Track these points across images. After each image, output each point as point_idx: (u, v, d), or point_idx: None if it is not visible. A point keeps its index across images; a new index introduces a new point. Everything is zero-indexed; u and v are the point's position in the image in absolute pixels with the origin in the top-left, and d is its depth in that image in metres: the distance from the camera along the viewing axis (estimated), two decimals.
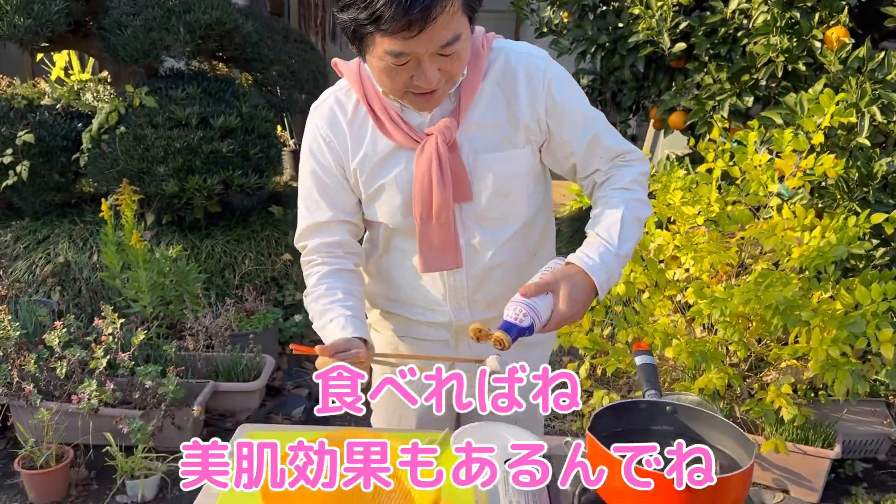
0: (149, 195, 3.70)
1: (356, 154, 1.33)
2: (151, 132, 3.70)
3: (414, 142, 1.29)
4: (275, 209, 4.31)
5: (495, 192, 1.31)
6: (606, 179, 1.36)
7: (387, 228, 1.38)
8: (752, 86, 2.97)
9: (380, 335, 1.52)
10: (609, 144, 1.35)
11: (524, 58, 1.31)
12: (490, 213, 1.33)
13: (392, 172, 1.32)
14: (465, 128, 1.30)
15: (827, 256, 2.28)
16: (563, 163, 1.37)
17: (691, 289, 2.45)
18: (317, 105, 1.38)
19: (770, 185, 2.54)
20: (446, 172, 1.27)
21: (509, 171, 1.31)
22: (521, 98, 1.29)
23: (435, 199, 1.28)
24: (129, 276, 3.13)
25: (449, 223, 1.30)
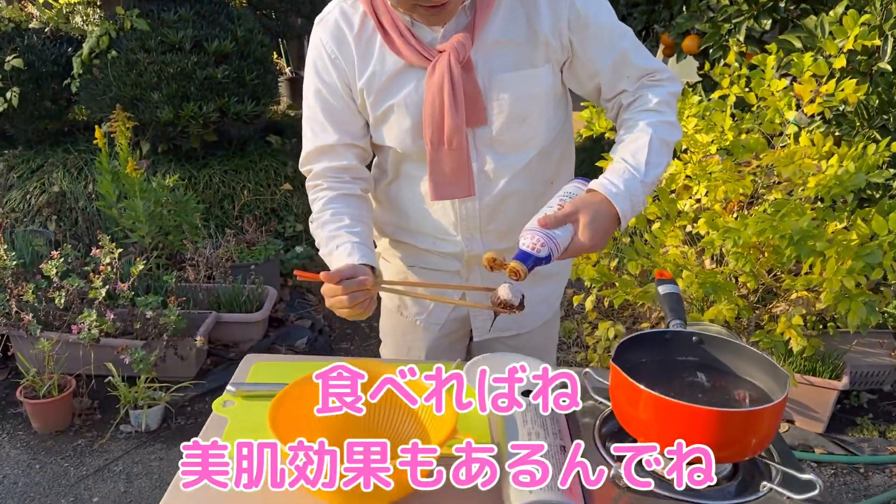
0: (143, 123, 3.60)
1: (363, 72, 1.23)
2: (144, 57, 3.57)
3: (425, 60, 1.19)
4: (273, 139, 4.21)
5: (512, 115, 1.23)
6: (633, 101, 1.26)
7: (396, 153, 1.30)
8: (770, 7, 2.84)
9: (389, 264, 1.47)
10: (638, 63, 1.24)
11: None
12: (506, 138, 1.25)
13: (401, 93, 1.23)
14: (481, 45, 1.20)
15: (845, 185, 2.21)
16: (587, 83, 1.27)
17: (703, 219, 2.39)
18: (321, 18, 1.27)
19: (787, 112, 2.45)
20: (459, 94, 1.18)
21: (528, 93, 1.22)
22: (542, 11, 1.19)
23: (447, 122, 1.20)
24: (126, 206, 3.06)
25: (462, 149, 1.22)
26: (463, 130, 1.21)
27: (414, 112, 1.23)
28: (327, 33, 1.25)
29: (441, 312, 1.43)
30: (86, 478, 2.24)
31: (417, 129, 1.24)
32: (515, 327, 1.44)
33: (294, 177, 3.92)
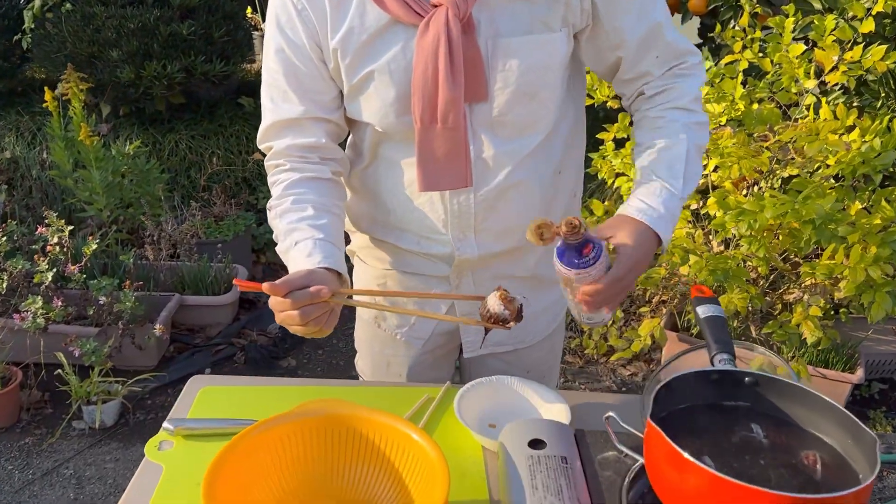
0: (102, 83, 3.31)
1: (337, 28, 0.99)
2: (102, 10, 3.27)
3: (416, 15, 0.95)
4: (245, 101, 3.93)
5: (519, 89, 0.99)
6: (661, 92, 1.05)
7: (375, 132, 1.06)
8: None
9: (365, 266, 1.24)
10: (671, 40, 1.03)
11: None
12: (510, 118, 1.01)
13: (384, 56, 0.98)
14: (487, 3, 0.96)
15: (872, 164, 2.01)
16: (607, 56, 1.04)
17: (713, 198, 2.18)
18: None
19: (805, 80, 2.24)
20: (458, 60, 0.95)
21: (539, 62, 0.98)
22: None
23: (441, 94, 0.96)
24: (81, 175, 2.80)
25: (458, 128, 0.98)
26: (461, 105, 0.97)
27: (400, 80, 0.99)
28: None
29: (425, 326, 1.21)
30: (31, 483, 2.03)
31: (403, 102, 1.00)
32: (512, 342, 1.23)
33: None
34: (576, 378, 2.63)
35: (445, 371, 1.29)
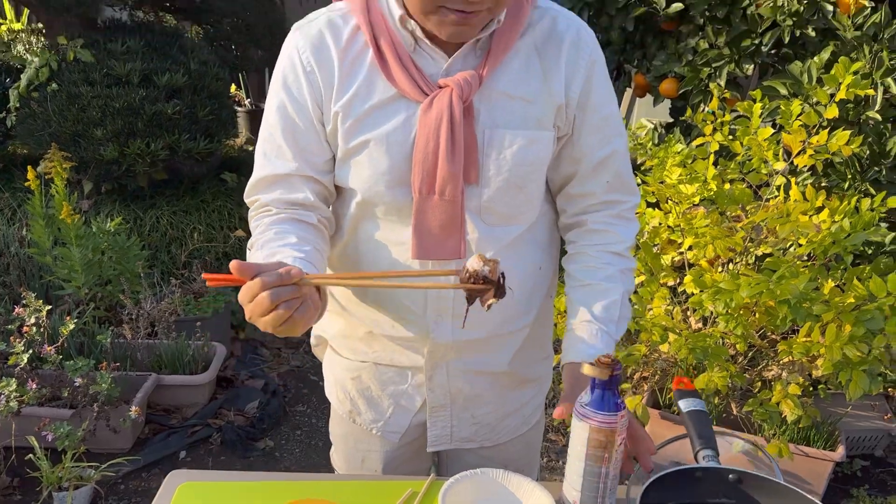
0: (85, 161, 3.33)
1: (343, 93, 1.02)
2: (87, 90, 3.32)
3: (422, 93, 0.99)
4: (227, 176, 3.97)
5: (509, 180, 1.03)
6: (601, 232, 1.12)
7: (357, 206, 1.06)
8: (752, 52, 2.72)
9: (339, 358, 1.22)
10: (623, 171, 1.11)
11: (574, 26, 1.06)
12: (497, 205, 1.05)
13: (384, 126, 1.01)
14: (487, 93, 1.01)
15: (842, 244, 2.06)
16: (565, 167, 1.10)
17: (689, 277, 2.22)
18: (300, 25, 1.06)
19: (774, 162, 2.31)
20: (458, 137, 0.99)
21: (531, 157, 1.04)
22: (561, 72, 1.03)
23: (441, 169, 0.99)
24: (60, 253, 2.79)
25: (456, 201, 1.01)
26: (459, 180, 1.00)
27: (395, 152, 1.02)
28: (306, 41, 1.03)
29: (401, 419, 1.20)
30: None
31: (396, 174, 1.02)
32: (480, 439, 1.22)
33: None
34: (559, 457, 2.60)
35: (422, 466, 1.28)
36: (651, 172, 2.41)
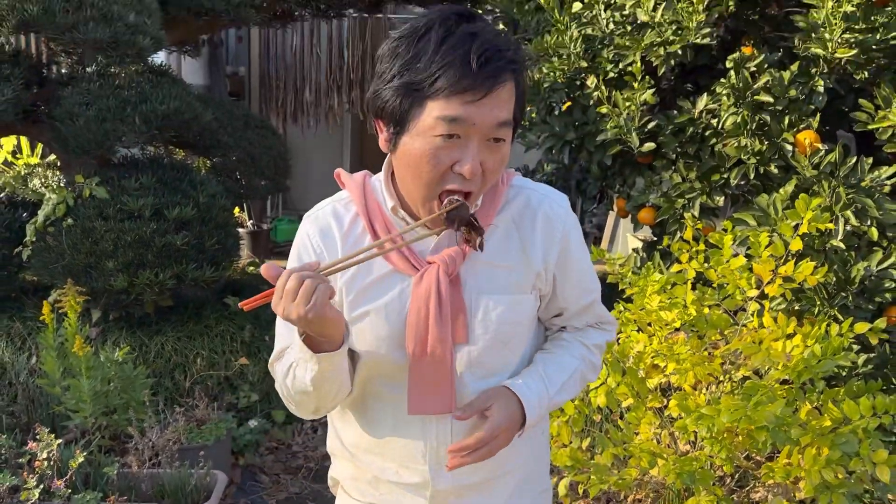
0: (96, 291, 3.49)
1: (346, 271, 1.19)
2: (101, 224, 3.51)
3: (413, 269, 1.17)
4: (231, 300, 4.12)
5: (496, 338, 1.20)
6: (578, 329, 1.33)
7: (365, 366, 1.21)
8: (722, 185, 2.94)
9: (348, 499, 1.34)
10: (598, 312, 1.32)
11: (546, 201, 1.25)
12: (485, 360, 1.21)
13: (382, 298, 1.19)
14: (472, 263, 1.20)
15: (813, 370, 2.19)
16: (550, 311, 1.31)
17: (674, 401, 2.33)
18: (310, 214, 1.26)
19: (748, 290, 2.47)
20: (445, 307, 1.15)
21: (514, 317, 1.21)
22: (537, 242, 1.22)
23: (431, 333, 1.16)
24: (70, 384, 2.89)
25: (445, 361, 1.17)
26: (448, 342, 1.16)
27: (394, 320, 1.19)
28: (315, 228, 1.23)
29: None
30: None
31: (395, 339, 1.19)
32: None
33: (251, 342, 3.80)
34: None
35: None
36: (633, 300, 2.57)
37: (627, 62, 2.97)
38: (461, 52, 1.05)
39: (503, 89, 1.07)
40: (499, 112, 1.08)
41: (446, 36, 1.06)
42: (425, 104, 1.07)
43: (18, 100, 3.28)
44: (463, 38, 1.06)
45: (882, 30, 2.59)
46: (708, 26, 2.75)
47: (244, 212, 6.81)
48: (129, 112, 3.39)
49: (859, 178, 2.51)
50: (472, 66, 1.04)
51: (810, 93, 2.70)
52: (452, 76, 1.04)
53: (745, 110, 2.69)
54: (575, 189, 4.27)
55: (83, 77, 3.42)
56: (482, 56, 1.04)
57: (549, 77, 3.25)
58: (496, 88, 1.06)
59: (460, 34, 1.06)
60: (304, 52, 7.08)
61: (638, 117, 2.94)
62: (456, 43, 1.05)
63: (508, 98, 1.09)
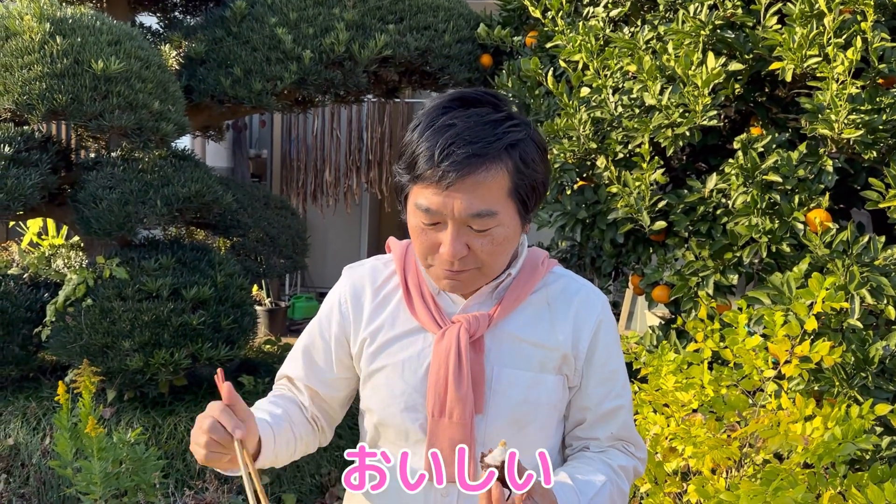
0: (111, 371, 3.51)
1: (371, 322, 1.25)
2: (119, 305, 3.56)
3: (437, 326, 1.19)
4: (245, 380, 4.11)
5: (512, 417, 1.18)
6: (601, 452, 1.26)
7: (375, 426, 1.24)
8: (735, 263, 2.93)
9: None
10: (627, 423, 1.26)
11: (585, 289, 1.26)
12: (499, 438, 1.15)
13: (401, 354, 1.21)
14: (498, 334, 1.20)
15: (834, 453, 2.13)
16: (575, 412, 1.27)
17: (692, 486, 2.26)
18: (352, 267, 1.33)
19: (766, 370, 2.43)
20: (465, 365, 1.15)
21: (533, 397, 1.19)
22: (568, 325, 1.22)
23: (450, 393, 1.15)
24: (82, 466, 2.88)
25: (465, 424, 1.15)
26: (467, 405, 1.15)
27: (409, 378, 1.20)
28: (349, 285, 1.30)
29: None
30: None
31: (409, 397, 1.19)
32: None
33: None
34: None
35: None
36: (647, 380, 2.53)
37: (636, 143, 3.03)
38: (431, 144, 1.09)
39: (469, 180, 1.08)
40: (471, 203, 1.08)
41: (429, 125, 1.11)
42: (410, 188, 1.14)
43: (45, 184, 3.39)
44: (438, 130, 1.09)
45: (889, 110, 2.63)
46: (714, 108, 2.81)
47: (262, 290, 6.87)
48: (151, 195, 3.48)
49: (872, 256, 2.50)
50: (434, 159, 1.08)
51: (819, 172, 2.72)
52: (421, 167, 1.10)
53: (754, 190, 2.71)
54: (590, 266, 4.28)
55: (108, 161, 3.53)
56: (445, 150, 1.07)
57: (560, 158, 3.31)
58: (459, 181, 1.07)
59: (438, 125, 1.10)
60: (325, 134, 7.28)
61: (648, 196, 2.97)
62: (431, 135, 1.10)
63: (488, 188, 1.09)
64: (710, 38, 2.92)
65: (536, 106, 3.64)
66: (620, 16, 3.38)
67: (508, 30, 4.09)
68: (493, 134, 1.10)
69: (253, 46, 3.86)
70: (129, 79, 3.21)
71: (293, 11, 3.85)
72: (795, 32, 2.65)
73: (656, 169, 2.96)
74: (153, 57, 3.45)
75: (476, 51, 4.21)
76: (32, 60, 3.06)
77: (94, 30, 3.23)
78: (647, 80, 2.90)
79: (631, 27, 3.33)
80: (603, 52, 3.14)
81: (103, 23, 3.32)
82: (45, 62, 3.05)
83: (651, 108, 3.01)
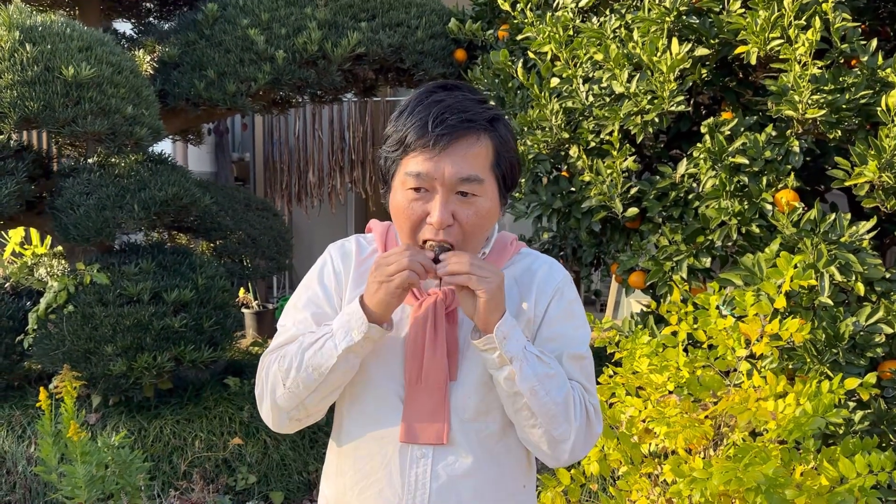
0: (95, 376, 3.51)
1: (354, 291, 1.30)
2: (101, 310, 3.56)
3: (414, 298, 1.27)
4: (231, 381, 4.12)
5: (481, 380, 1.25)
6: None
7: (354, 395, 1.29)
8: (708, 246, 2.96)
9: None
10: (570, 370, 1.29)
11: (547, 264, 1.35)
12: (471, 401, 1.25)
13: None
14: None
15: (804, 428, 2.16)
16: None
17: (668, 465, 2.29)
18: (337, 243, 1.41)
19: (738, 349, 2.46)
20: (441, 333, 1.23)
21: None
22: (532, 294, 1.30)
23: (426, 356, 1.23)
24: (66, 470, 2.88)
25: (440, 388, 1.23)
26: (442, 371, 1.22)
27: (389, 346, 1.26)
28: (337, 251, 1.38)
29: None
30: None
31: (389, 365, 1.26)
32: None
33: (250, 423, 3.78)
34: None
35: None
36: (622, 363, 2.56)
37: (607, 132, 3.05)
38: (423, 116, 1.20)
39: (461, 145, 1.19)
40: (460, 167, 1.19)
41: (417, 104, 1.22)
42: (399, 163, 1.24)
43: (21, 192, 3.39)
44: (428, 105, 1.21)
45: (853, 90, 2.66)
46: (681, 94, 2.84)
47: (249, 292, 6.87)
48: (128, 199, 3.49)
49: (839, 234, 2.53)
50: (428, 126, 1.18)
51: (786, 153, 2.75)
52: (413, 136, 1.20)
53: (722, 173, 2.74)
54: (571, 256, 4.31)
55: (84, 168, 3.54)
56: (438, 118, 1.19)
57: (534, 149, 3.34)
58: (451, 144, 1.18)
59: (428, 102, 1.22)
60: (307, 135, 7.29)
61: (620, 184, 3.00)
62: (421, 109, 1.21)
63: (475, 155, 1.21)
64: (675, 25, 2.95)
65: (510, 99, 3.66)
66: (589, 5, 3.40)
67: (480, 24, 4.11)
68: (479, 108, 1.23)
69: (226, 48, 3.87)
70: (101, 84, 3.22)
71: (265, 12, 3.86)
72: (758, 16, 2.68)
73: (628, 156, 2.99)
74: (125, 62, 3.45)
75: (450, 46, 4.23)
76: (3, 69, 3.07)
77: (65, 36, 3.24)
78: (614, 68, 2.92)
79: (600, 17, 3.35)
80: (572, 42, 3.16)
81: (74, 29, 3.33)
82: (16, 70, 3.06)
83: (621, 96, 3.04)
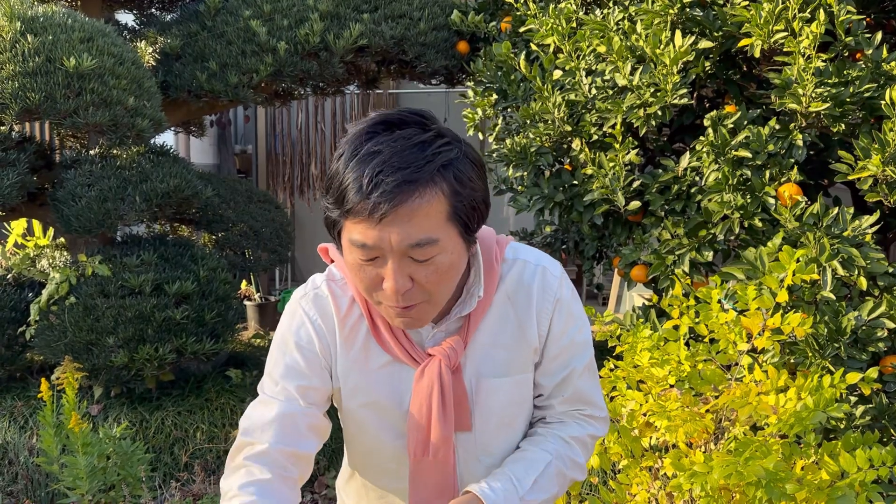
0: (97, 368, 3.52)
1: (344, 358, 1.16)
2: (102, 302, 3.57)
3: (414, 361, 1.14)
4: (233, 373, 4.12)
5: (501, 422, 1.18)
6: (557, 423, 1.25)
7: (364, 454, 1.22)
8: (710, 240, 2.95)
9: None
10: (579, 385, 1.24)
11: (539, 271, 1.20)
12: (493, 445, 1.19)
13: (383, 392, 1.17)
14: (471, 348, 1.17)
15: (805, 423, 2.15)
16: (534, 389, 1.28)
17: (668, 459, 2.29)
18: (304, 292, 1.20)
19: (740, 343, 2.45)
20: (448, 401, 1.12)
21: (517, 398, 1.20)
22: (532, 318, 1.18)
23: (434, 432, 1.12)
24: (67, 461, 2.89)
25: (448, 461, 1.14)
26: (450, 441, 1.14)
27: (393, 413, 1.17)
28: (311, 304, 1.18)
29: None
30: None
31: (394, 430, 1.18)
32: None
33: None
34: None
35: None
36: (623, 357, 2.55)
37: (610, 124, 3.04)
38: (357, 175, 1.00)
39: (404, 209, 0.99)
40: (408, 233, 1.00)
41: (353, 154, 1.02)
42: (342, 223, 1.05)
43: (23, 184, 3.39)
44: (363, 158, 1.01)
45: (857, 83, 2.64)
46: (684, 87, 2.82)
47: (251, 285, 6.87)
48: (129, 191, 3.49)
49: (842, 228, 2.52)
50: (363, 190, 0.99)
51: (790, 147, 2.74)
52: (350, 201, 1.01)
53: (725, 166, 2.73)
54: (573, 250, 4.30)
55: (86, 159, 3.53)
56: (373, 181, 0.99)
57: (536, 142, 3.33)
58: (392, 211, 0.99)
59: (363, 153, 1.01)
60: (310, 128, 7.28)
61: (622, 177, 2.99)
62: (356, 165, 1.01)
63: (424, 216, 1.01)
64: (679, 17, 2.93)
65: (513, 91, 3.65)
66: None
67: (483, 15, 4.10)
68: (422, 157, 1.01)
69: (228, 40, 3.86)
70: (102, 75, 3.21)
71: (267, 3, 3.84)
72: (762, 8, 2.67)
73: (630, 149, 2.97)
74: (127, 53, 3.44)
75: (452, 38, 4.21)
76: (4, 60, 3.06)
77: (66, 27, 3.23)
78: (617, 60, 2.91)
79: (603, 9, 3.33)
80: (575, 34, 3.15)
81: (75, 20, 3.32)
82: (17, 61, 3.05)
83: (624, 88, 3.02)
